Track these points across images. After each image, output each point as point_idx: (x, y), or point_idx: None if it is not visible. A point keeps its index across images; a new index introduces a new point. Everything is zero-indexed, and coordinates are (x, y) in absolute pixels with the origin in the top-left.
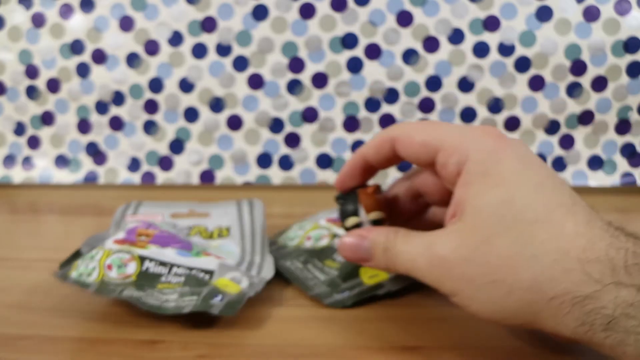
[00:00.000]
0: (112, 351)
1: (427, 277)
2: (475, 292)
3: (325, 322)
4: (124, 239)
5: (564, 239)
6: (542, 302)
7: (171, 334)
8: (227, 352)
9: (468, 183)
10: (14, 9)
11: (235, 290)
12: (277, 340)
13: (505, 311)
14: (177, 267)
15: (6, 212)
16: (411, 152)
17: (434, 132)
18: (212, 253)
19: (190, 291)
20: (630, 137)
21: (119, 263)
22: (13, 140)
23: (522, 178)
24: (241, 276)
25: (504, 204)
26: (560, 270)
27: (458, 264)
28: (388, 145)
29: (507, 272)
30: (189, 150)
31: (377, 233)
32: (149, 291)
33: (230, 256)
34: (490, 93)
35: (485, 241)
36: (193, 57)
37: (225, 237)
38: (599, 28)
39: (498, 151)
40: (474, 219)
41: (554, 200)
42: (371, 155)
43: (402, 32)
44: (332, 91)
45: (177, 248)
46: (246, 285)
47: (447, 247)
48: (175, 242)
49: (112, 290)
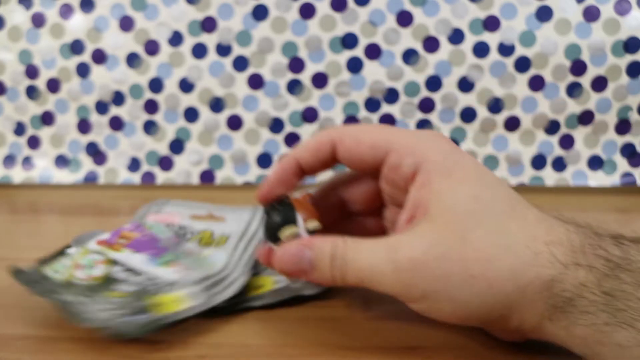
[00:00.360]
0: (112, 351)
1: (391, 283)
2: (452, 290)
3: (325, 322)
4: (106, 240)
5: (529, 227)
6: (518, 291)
7: (171, 334)
8: (227, 352)
9: (429, 183)
10: (14, 9)
11: (174, 309)
12: (277, 340)
13: (481, 307)
14: (138, 276)
15: (6, 212)
16: (357, 154)
17: (383, 134)
18: (182, 263)
19: (128, 303)
20: (630, 137)
21: (91, 264)
22: (13, 140)
23: (482, 176)
24: (199, 292)
25: (473, 200)
26: (531, 255)
27: (432, 263)
28: (327, 147)
29: (486, 265)
30: (189, 150)
31: (322, 241)
32: (95, 298)
33: (210, 268)
34: (490, 93)
35: (460, 237)
36: (193, 57)
37: (221, 246)
38: (599, 28)
39: (454, 152)
40: (444, 217)
41: (512, 195)
42: (306, 159)
43: (402, 32)
44: (332, 91)
45: (149, 255)
46: (198, 303)
47: (418, 249)
48: (150, 248)
49: (51, 291)
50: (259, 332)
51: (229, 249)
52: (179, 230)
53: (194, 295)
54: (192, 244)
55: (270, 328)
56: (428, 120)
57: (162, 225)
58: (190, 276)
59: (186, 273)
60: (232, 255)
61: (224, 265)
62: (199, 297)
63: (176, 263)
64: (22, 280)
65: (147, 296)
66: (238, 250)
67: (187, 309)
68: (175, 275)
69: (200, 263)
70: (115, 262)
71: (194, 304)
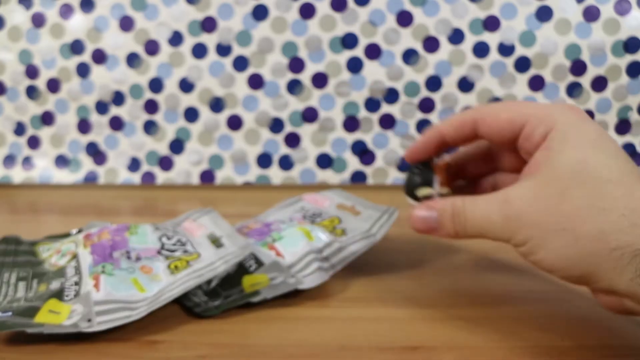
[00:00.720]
0: (113, 351)
1: (501, 231)
2: (545, 239)
3: (326, 322)
4: (91, 234)
5: (634, 199)
6: (605, 252)
7: (171, 334)
8: (227, 352)
9: (548, 147)
10: (14, 9)
11: (46, 320)
12: (277, 340)
13: (568, 260)
14: (77, 277)
15: (6, 212)
16: (496, 129)
17: (520, 109)
18: (101, 279)
19: (23, 298)
20: (630, 137)
21: (64, 252)
22: (13, 140)
23: (600, 145)
24: (80, 312)
25: (580, 163)
26: (627, 224)
27: (533, 213)
28: (470, 125)
29: (576, 222)
30: (189, 150)
31: (444, 203)
32: (31, 284)
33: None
34: (490, 93)
35: (560, 193)
36: (193, 57)
37: (175, 275)
38: (599, 28)
39: (581, 123)
40: (550, 174)
41: (627, 167)
42: (449, 133)
43: (402, 32)
44: (332, 91)
45: (93, 260)
46: (69, 323)
47: (524, 200)
48: (100, 254)
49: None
50: (259, 332)
51: (172, 280)
52: (174, 245)
53: (76, 313)
54: (163, 264)
55: (270, 328)
56: (428, 120)
57: (152, 235)
58: (92, 294)
59: (92, 290)
60: (165, 288)
61: (143, 297)
62: (74, 317)
63: (97, 277)
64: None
65: (52, 299)
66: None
67: (53, 325)
68: (87, 289)
69: (121, 285)
70: (76, 257)
71: (65, 323)
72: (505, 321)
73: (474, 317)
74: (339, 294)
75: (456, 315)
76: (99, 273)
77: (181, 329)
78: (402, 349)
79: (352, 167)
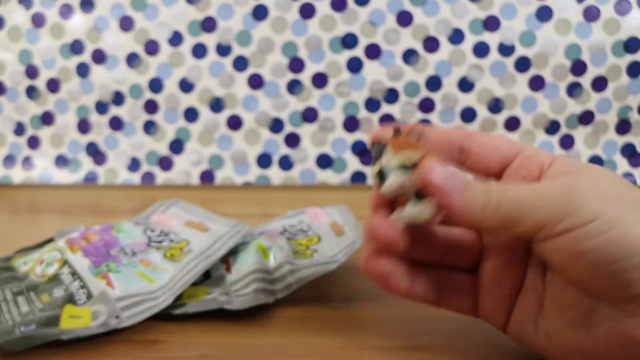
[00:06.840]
0: (112, 351)
1: (556, 206)
2: (625, 210)
3: (325, 322)
4: (72, 239)
5: None
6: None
7: (172, 334)
8: (227, 352)
9: (570, 171)
10: (14, 9)
11: (72, 325)
12: (277, 340)
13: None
14: (79, 281)
15: (6, 212)
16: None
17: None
18: (110, 277)
19: (37, 310)
20: (630, 137)
21: (49, 261)
22: (13, 140)
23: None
24: (104, 311)
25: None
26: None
27: (603, 186)
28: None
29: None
30: (189, 150)
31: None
32: (29, 297)
33: (144, 285)
34: (490, 93)
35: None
36: (193, 57)
37: (179, 260)
38: (599, 28)
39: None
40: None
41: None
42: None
43: (402, 32)
44: (332, 91)
45: (91, 261)
46: (97, 323)
47: (582, 177)
48: (97, 254)
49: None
50: (259, 332)
51: (177, 267)
52: (158, 236)
53: (96, 314)
54: (158, 254)
55: (270, 328)
56: (428, 120)
57: (136, 230)
58: (106, 294)
59: (105, 289)
60: (177, 274)
61: (158, 287)
62: (100, 317)
63: (106, 275)
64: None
65: (67, 305)
66: (184, 269)
67: (82, 328)
68: (97, 289)
69: (131, 280)
70: (67, 263)
71: (92, 324)
72: None
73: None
74: (338, 294)
75: (455, 315)
76: (106, 272)
77: (181, 329)
78: (402, 349)
79: (352, 167)
